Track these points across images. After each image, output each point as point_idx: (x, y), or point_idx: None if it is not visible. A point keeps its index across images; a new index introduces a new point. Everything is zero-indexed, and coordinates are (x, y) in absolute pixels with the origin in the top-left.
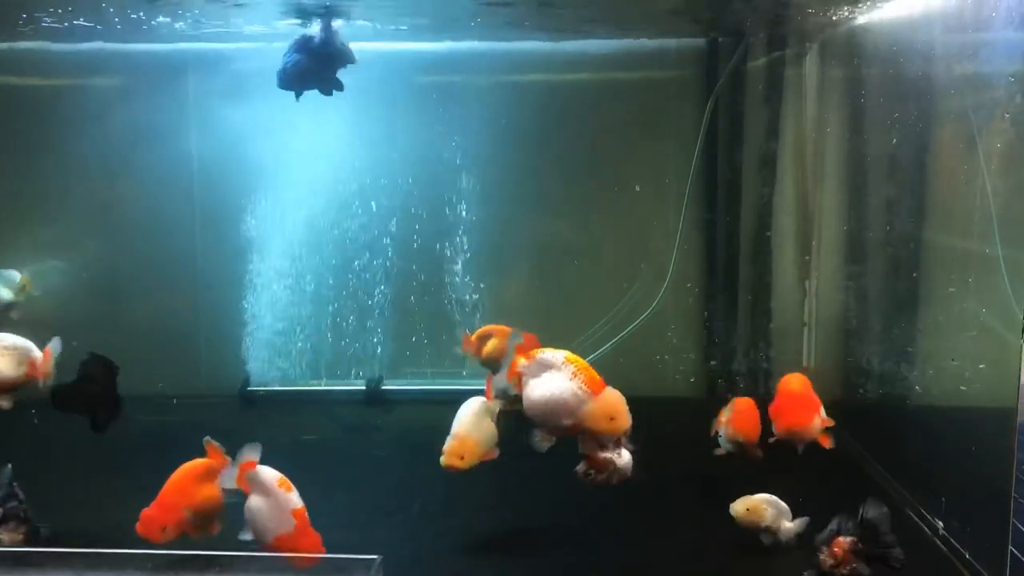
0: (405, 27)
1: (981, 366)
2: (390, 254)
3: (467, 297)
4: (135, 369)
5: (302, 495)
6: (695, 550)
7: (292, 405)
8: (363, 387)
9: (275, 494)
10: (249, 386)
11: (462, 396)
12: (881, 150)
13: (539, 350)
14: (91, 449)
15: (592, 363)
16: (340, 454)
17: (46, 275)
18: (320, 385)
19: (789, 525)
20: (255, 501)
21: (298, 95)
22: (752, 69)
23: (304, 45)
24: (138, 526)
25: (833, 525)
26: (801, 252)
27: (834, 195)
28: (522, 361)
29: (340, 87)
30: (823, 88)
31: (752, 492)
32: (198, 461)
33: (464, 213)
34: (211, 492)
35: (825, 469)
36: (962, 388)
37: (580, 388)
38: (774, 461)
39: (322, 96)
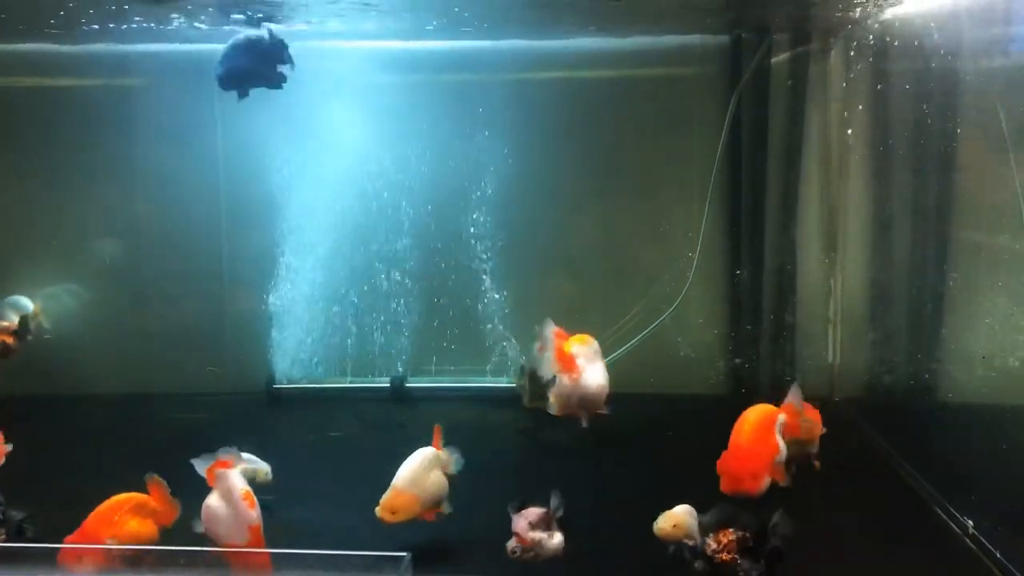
0: (431, 26)
1: (1011, 362)
2: (415, 252)
3: (492, 295)
4: (162, 367)
5: (328, 491)
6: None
7: (317, 402)
8: (387, 384)
9: (237, 505)
10: (274, 383)
11: (486, 394)
12: (907, 146)
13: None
14: (116, 447)
15: (615, 360)
16: (365, 451)
17: (60, 299)
18: (345, 382)
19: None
20: (216, 503)
21: (241, 95)
22: (776, 65)
23: (240, 46)
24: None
25: (729, 514)
26: (826, 249)
27: (859, 191)
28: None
29: (283, 82)
30: (848, 84)
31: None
32: (131, 496)
33: (488, 210)
34: (140, 528)
35: (851, 467)
36: (991, 385)
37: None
38: (790, 458)
39: (347, 95)
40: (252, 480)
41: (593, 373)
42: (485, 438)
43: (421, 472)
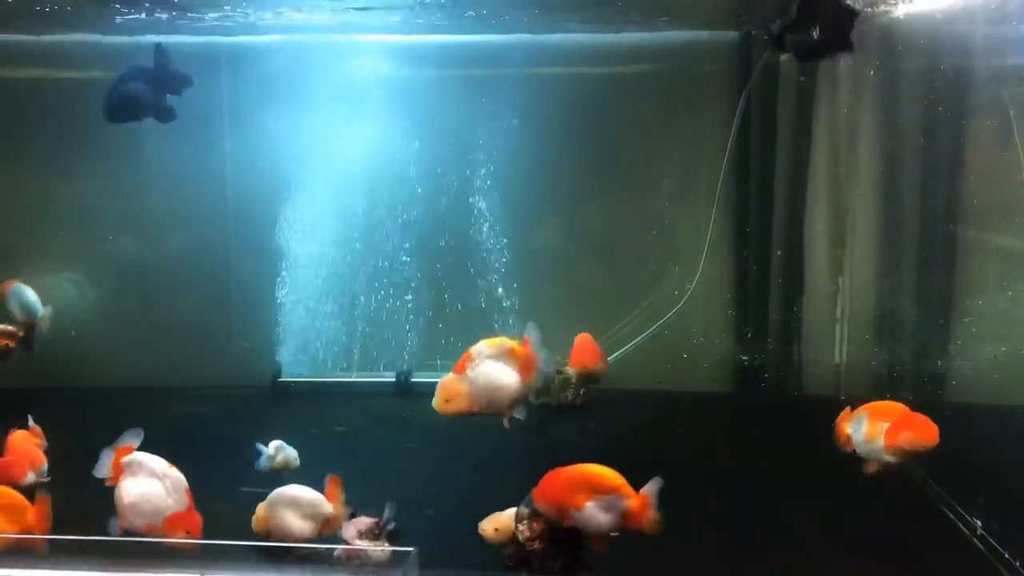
0: (438, 20)
1: (1020, 362)
2: (420, 248)
3: (497, 291)
4: (167, 360)
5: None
6: (721, 548)
7: (322, 397)
8: (393, 379)
9: (167, 475)
10: (280, 377)
11: None
12: (916, 144)
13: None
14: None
15: (622, 358)
16: (370, 446)
17: (62, 288)
18: (350, 377)
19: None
20: (139, 486)
21: (129, 121)
22: (785, 62)
23: (133, 73)
24: None
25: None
26: (834, 248)
27: (868, 190)
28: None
29: (172, 116)
30: (857, 82)
31: (764, 490)
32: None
33: (494, 207)
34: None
35: (857, 465)
36: (1000, 384)
37: None
38: (803, 457)
39: (353, 89)
40: (284, 467)
41: (490, 373)
42: (490, 434)
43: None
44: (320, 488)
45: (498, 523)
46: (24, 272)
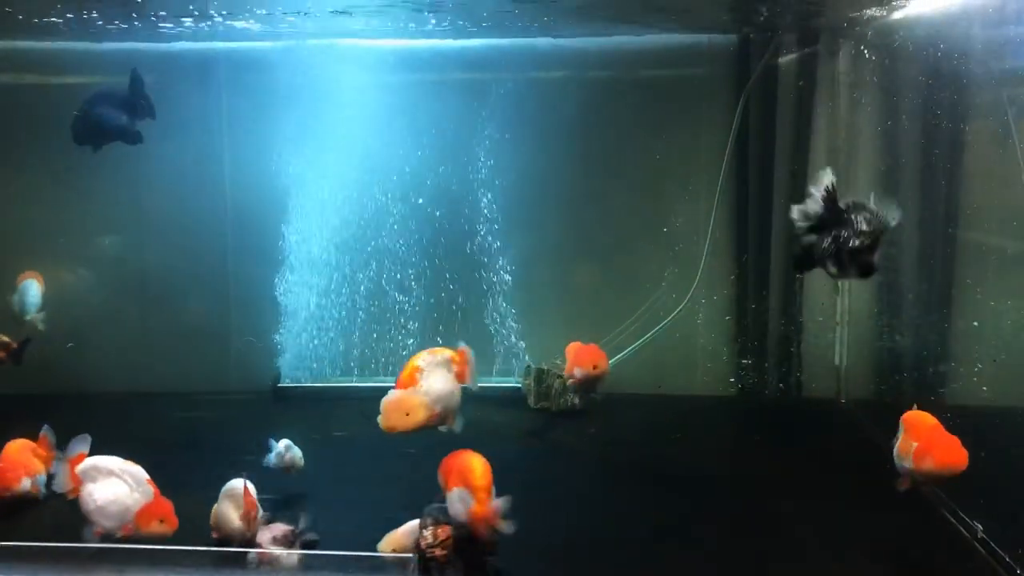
0: (433, 25)
1: (1020, 364)
2: (420, 251)
3: (497, 294)
4: (167, 365)
5: (335, 491)
6: (720, 550)
7: (323, 401)
8: (393, 384)
9: (125, 471)
10: (280, 382)
11: (491, 394)
12: (915, 147)
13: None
14: (120, 446)
15: (622, 361)
16: (371, 451)
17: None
18: (350, 382)
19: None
20: (102, 489)
21: (95, 148)
22: (784, 65)
23: (102, 97)
24: None
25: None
26: None
27: (866, 192)
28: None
29: (138, 140)
30: (856, 84)
31: (764, 492)
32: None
33: (494, 210)
34: None
35: (859, 469)
36: (1000, 387)
37: None
38: (803, 460)
39: (352, 93)
40: (291, 467)
41: (441, 382)
42: (490, 439)
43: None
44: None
45: (394, 542)
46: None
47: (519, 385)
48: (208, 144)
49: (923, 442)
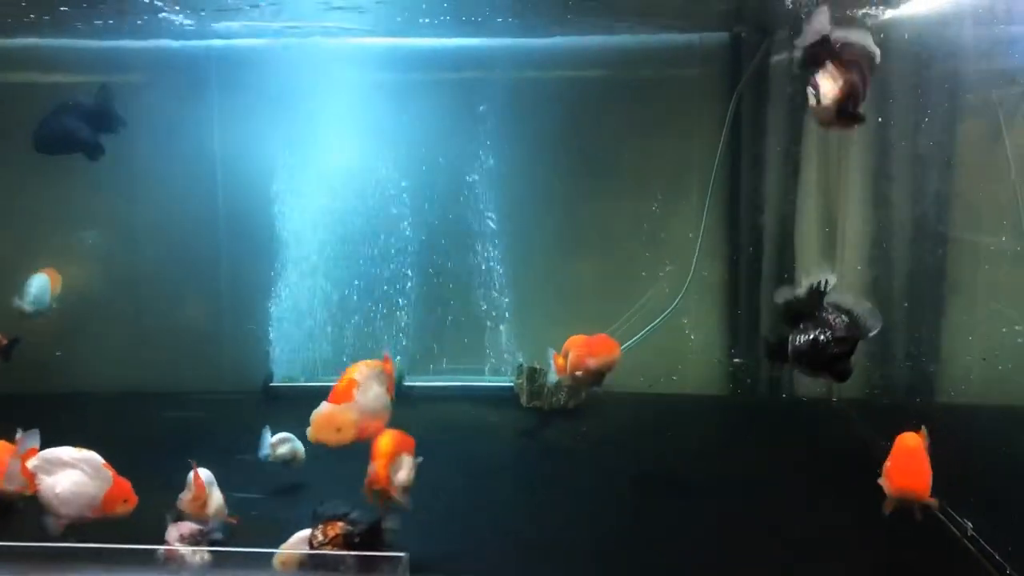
0: (426, 23)
1: (1010, 364)
2: (413, 251)
3: (490, 294)
4: (159, 365)
5: (327, 491)
6: (712, 548)
7: (315, 401)
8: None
9: (80, 459)
10: (272, 382)
11: (484, 393)
12: (906, 146)
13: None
14: (112, 445)
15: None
16: (362, 450)
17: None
18: None
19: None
20: (61, 480)
21: (52, 153)
22: (776, 64)
23: (70, 107)
24: None
25: (338, 509)
26: (825, 247)
27: (858, 192)
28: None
29: (100, 152)
30: None
31: (755, 490)
32: None
33: (486, 209)
34: None
35: (850, 467)
36: (990, 386)
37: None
38: (794, 458)
39: (344, 93)
40: (292, 459)
41: (377, 396)
42: (482, 437)
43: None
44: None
45: (289, 548)
46: (13, 272)
47: (511, 384)
48: (200, 143)
49: (891, 464)
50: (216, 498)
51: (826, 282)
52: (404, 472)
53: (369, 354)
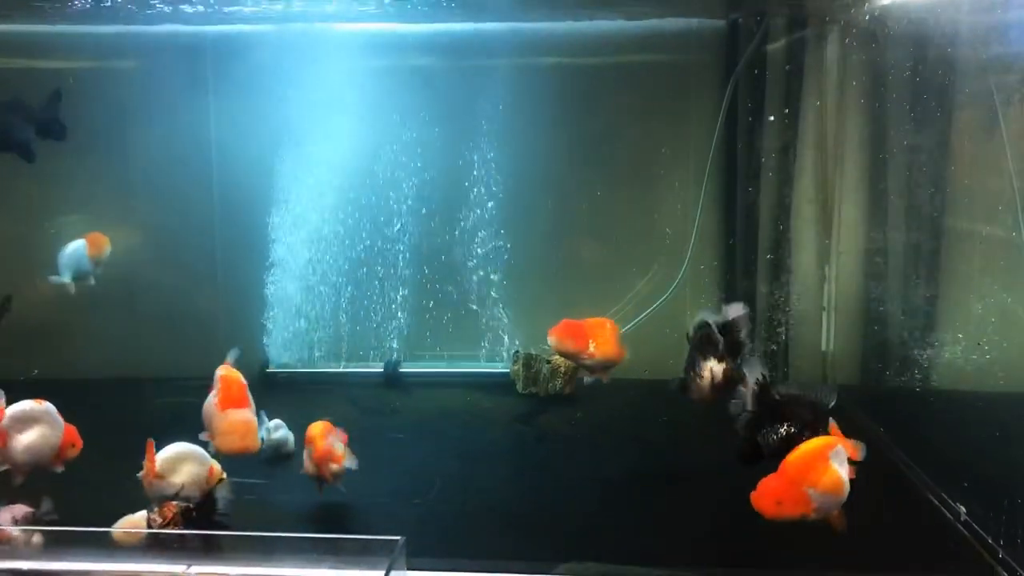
0: (420, 7)
1: (1004, 350)
2: (409, 238)
3: (487, 280)
4: (154, 351)
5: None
6: (705, 532)
7: (310, 387)
8: (381, 370)
9: (43, 411)
10: (268, 368)
11: (480, 379)
12: (903, 133)
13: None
14: (107, 431)
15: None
16: (359, 436)
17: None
18: (338, 368)
19: None
20: (32, 433)
21: None
22: (773, 51)
23: (13, 106)
24: None
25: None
26: (821, 236)
27: (855, 179)
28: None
29: (34, 158)
30: (844, 70)
31: (747, 475)
32: None
33: (482, 197)
34: None
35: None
36: (984, 372)
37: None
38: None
39: (341, 80)
40: (277, 451)
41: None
42: (478, 424)
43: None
44: None
45: (130, 524)
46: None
47: (507, 371)
48: (195, 130)
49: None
50: (187, 472)
51: (764, 375)
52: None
53: (362, 341)
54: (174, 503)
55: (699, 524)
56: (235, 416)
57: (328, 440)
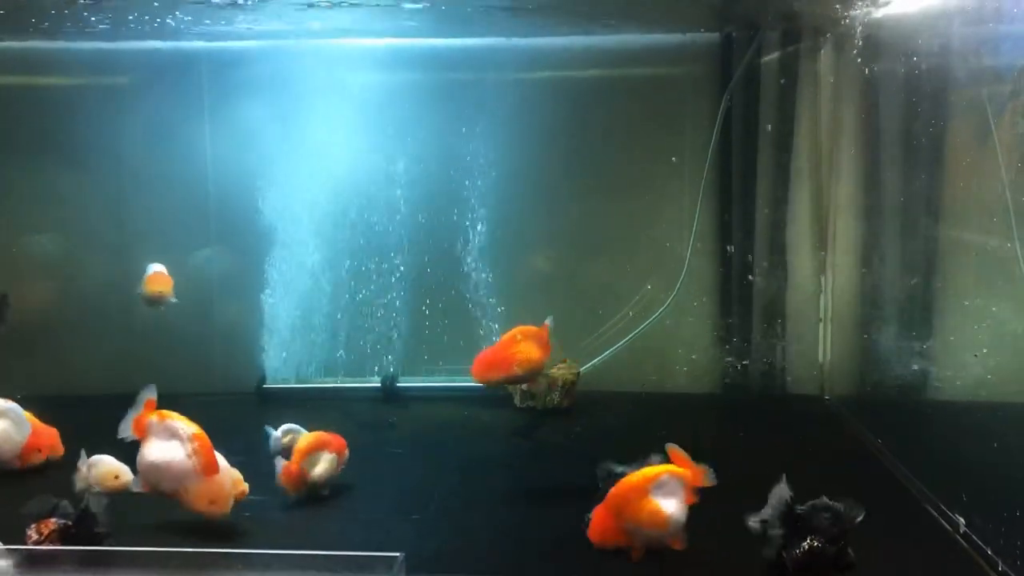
0: (416, 23)
1: (1001, 360)
2: (405, 250)
3: (482, 294)
4: (151, 367)
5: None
6: (704, 545)
7: (308, 402)
8: (378, 384)
9: (7, 409)
10: (265, 383)
11: (477, 393)
12: (897, 144)
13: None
14: (104, 447)
15: (607, 359)
16: (357, 451)
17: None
18: (336, 382)
19: None
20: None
21: None
22: (767, 64)
23: None
24: None
25: (44, 507)
26: (817, 247)
27: (850, 190)
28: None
29: None
30: (838, 82)
31: (748, 488)
32: None
33: (478, 209)
34: None
35: (842, 465)
36: (981, 382)
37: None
38: (786, 456)
39: (336, 93)
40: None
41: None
42: (476, 438)
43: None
44: None
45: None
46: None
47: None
48: (190, 145)
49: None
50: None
51: (791, 497)
52: (320, 467)
53: (360, 357)
54: (52, 519)
55: (696, 537)
56: (219, 481)
57: (311, 459)
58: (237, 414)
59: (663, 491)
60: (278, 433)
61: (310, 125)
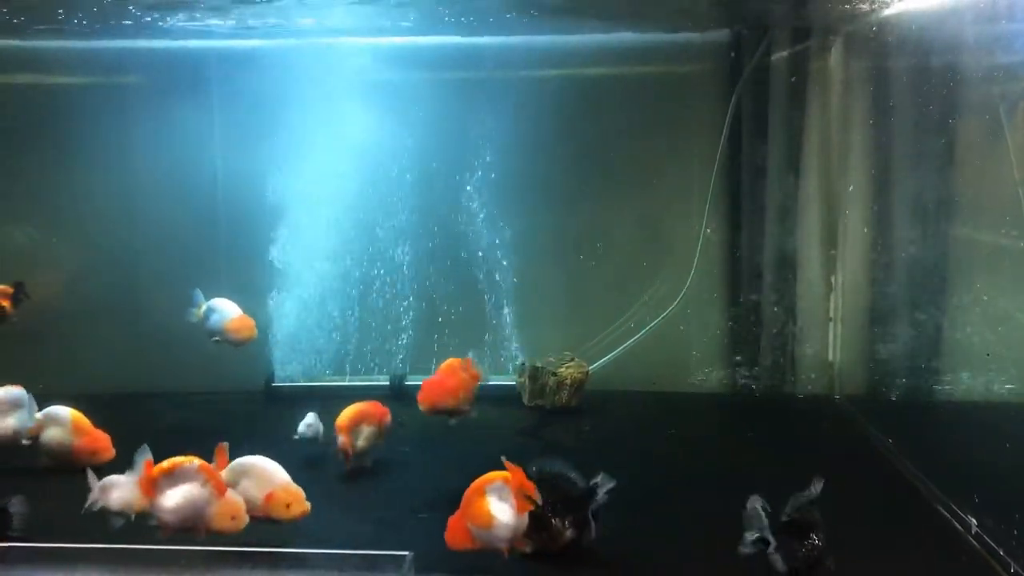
0: (427, 21)
1: (1012, 359)
2: (413, 250)
3: (490, 293)
4: (160, 366)
5: (329, 491)
6: (712, 546)
7: (317, 401)
8: (387, 383)
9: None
10: (274, 382)
11: (484, 392)
12: (907, 143)
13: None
14: (114, 446)
15: (616, 358)
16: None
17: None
18: (344, 381)
19: None
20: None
21: None
22: (776, 62)
23: None
24: None
25: None
26: (826, 246)
27: (860, 189)
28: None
29: None
30: (848, 81)
31: (757, 489)
32: None
33: (487, 208)
34: None
35: (853, 465)
36: (993, 382)
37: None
38: (795, 454)
39: (344, 92)
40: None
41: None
42: (484, 437)
43: None
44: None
45: None
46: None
47: (513, 383)
48: (200, 144)
49: None
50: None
51: (763, 506)
52: (361, 440)
53: (369, 355)
54: None
55: (706, 536)
56: (232, 498)
57: (355, 432)
58: (245, 412)
59: (495, 495)
60: (308, 419)
61: (319, 124)
